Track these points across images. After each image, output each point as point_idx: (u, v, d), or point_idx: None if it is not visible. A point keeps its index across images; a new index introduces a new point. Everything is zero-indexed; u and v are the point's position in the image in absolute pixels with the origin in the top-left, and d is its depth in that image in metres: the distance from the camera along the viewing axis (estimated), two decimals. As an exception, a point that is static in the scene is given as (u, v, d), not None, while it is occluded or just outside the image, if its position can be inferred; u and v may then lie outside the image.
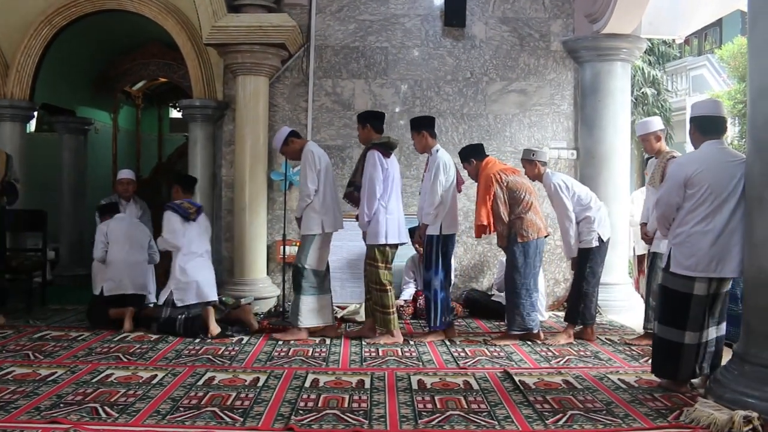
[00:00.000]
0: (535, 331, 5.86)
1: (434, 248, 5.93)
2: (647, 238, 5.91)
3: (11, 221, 7.04)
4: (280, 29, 7.16)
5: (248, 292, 7.13)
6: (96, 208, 7.02)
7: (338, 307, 7.05)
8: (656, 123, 6.01)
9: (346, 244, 7.30)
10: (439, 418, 3.79)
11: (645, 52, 12.34)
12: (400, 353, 5.42)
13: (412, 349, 5.56)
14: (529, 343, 5.80)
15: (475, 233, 6.01)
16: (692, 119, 4.47)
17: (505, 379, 4.63)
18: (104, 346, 5.58)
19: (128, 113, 11.91)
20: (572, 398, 4.19)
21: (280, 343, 5.74)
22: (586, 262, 5.90)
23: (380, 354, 5.39)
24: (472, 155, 6.14)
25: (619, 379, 4.63)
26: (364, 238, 5.97)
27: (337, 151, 7.70)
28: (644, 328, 5.94)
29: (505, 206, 5.83)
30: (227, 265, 7.68)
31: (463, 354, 5.42)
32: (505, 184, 5.85)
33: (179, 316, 6.02)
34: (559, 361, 5.19)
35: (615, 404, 4.06)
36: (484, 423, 3.73)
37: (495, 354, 5.43)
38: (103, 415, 3.79)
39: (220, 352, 5.38)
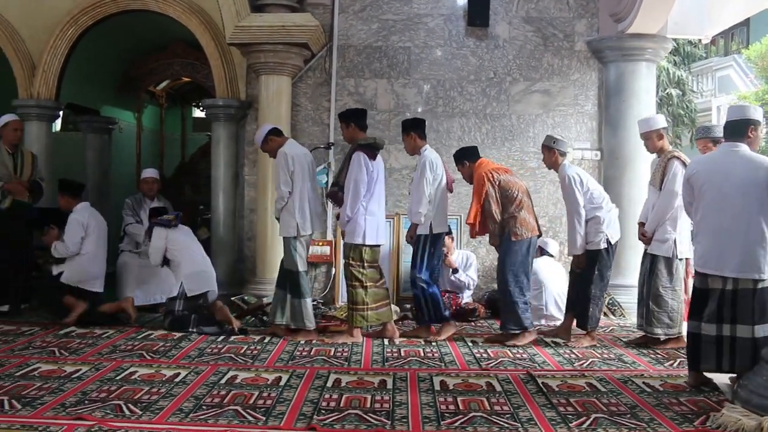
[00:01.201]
0: (530, 330, 5.81)
1: (421, 247, 5.95)
2: (644, 238, 5.83)
3: (37, 219, 7.10)
4: (303, 29, 7.17)
5: (270, 291, 7.12)
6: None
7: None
8: (658, 120, 5.90)
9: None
10: (462, 420, 3.77)
11: (670, 52, 12.21)
12: (422, 354, 5.40)
13: (434, 350, 5.54)
14: (552, 344, 5.76)
15: (469, 233, 6.05)
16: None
17: (528, 381, 4.60)
18: (128, 343, 5.62)
19: (152, 113, 12.00)
20: (596, 401, 4.15)
21: (302, 342, 5.75)
22: (594, 265, 5.80)
23: (402, 354, 5.38)
24: (465, 157, 6.14)
25: (643, 383, 4.58)
26: (343, 237, 5.99)
27: (359, 151, 7.68)
28: (639, 327, 5.88)
29: (497, 205, 5.81)
30: (250, 264, 7.71)
31: (485, 355, 5.39)
32: (497, 183, 5.83)
33: (193, 315, 6.13)
34: (582, 364, 5.15)
35: (640, 408, 4.01)
36: (507, 425, 3.70)
37: (518, 356, 5.40)
38: (127, 412, 3.82)
39: (242, 351, 5.39)
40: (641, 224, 5.90)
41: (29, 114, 7.96)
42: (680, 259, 5.71)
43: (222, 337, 5.88)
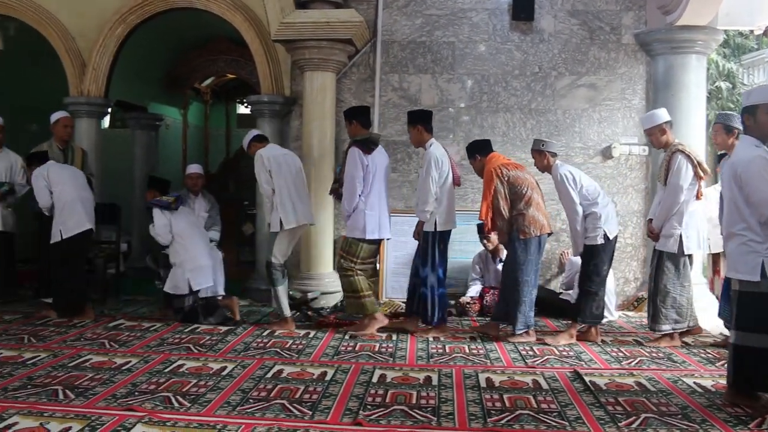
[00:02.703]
0: (532, 329, 5.79)
1: (430, 245, 5.89)
2: (653, 235, 5.69)
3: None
4: (347, 25, 7.18)
5: (314, 286, 7.18)
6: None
7: (404, 303, 7.06)
8: (661, 115, 5.72)
9: (411, 240, 7.26)
10: (509, 417, 3.74)
11: (720, 44, 11.93)
12: (467, 350, 5.38)
13: (479, 347, 5.51)
14: (599, 343, 5.69)
15: (484, 230, 6.01)
16: None
17: (574, 379, 4.54)
18: (175, 336, 5.71)
19: (197, 109, 12.15)
20: (645, 401, 4.08)
21: (347, 337, 5.78)
22: (591, 260, 5.71)
23: (447, 351, 5.36)
24: (477, 151, 6.07)
25: (694, 383, 4.49)
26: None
27: (403, 147, 7.68)
28: (651, 328, 5.74)
29: (505, 201, 5.74)
30: (294, 259, 7.73)
31: (531, 353, 5.34)
32: (506, 178, 5.76)
33: (197, 304, 6.27)
34: (630, 362, 5.07)
35: (691, 409, 3.93)
36: (554, 423, 3.67)
37: (564, 353, 5.33)
38: (176, 404, 3.88)
39: (287, 346, 5.43)
40: (650, 220, 5.78)
41: (79, 111, 8.12)
42: (687, 255, 5.58)
43: (267, 331, 5.93)
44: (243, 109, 13.22)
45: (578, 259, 6.58)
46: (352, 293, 5.91)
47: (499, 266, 7.00)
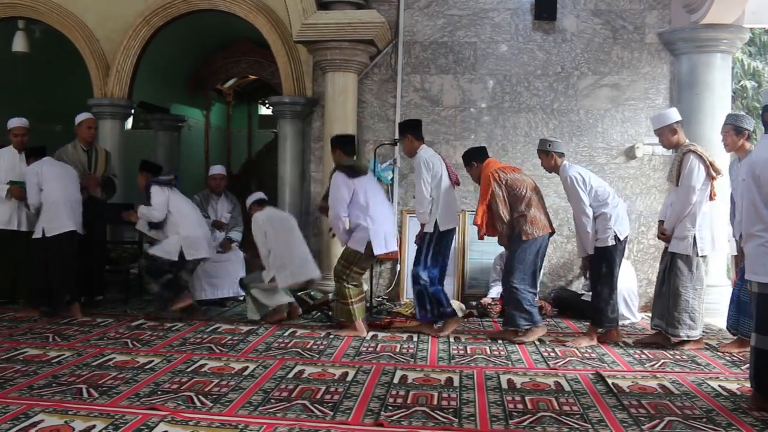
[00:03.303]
0: (539, 325, 5.74)
1: (426, 244, 5.89)
2: (664, 237, 5.62)
3: (110, 215, 7.32)
4: (369, 26, 7.19)
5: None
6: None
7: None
8: (671, 115, 5.63)
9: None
10: (531, 419, 3.72)
11: (745, 42, 11.79)
12: (488, 351, 5.35)
13: (500, 348, 5.48)
14: (621, 345, 5.64)
15: (477, 234, 6.00)
16: None
17: (597, 381, 4.50)
18: (197, 336, 5.74)
19: (219, 110, 12.23)
20: (669, 404, 4.03)
21: (368, 338, 5.78)
22: (602, 262, 5.63)
23: (468, 352, 5.34)
24: (473, 158, 6.06)
25: (719, 386, 4.43)
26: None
27: (424, 147, 7.67)
28: (654, 326, 5.68)
29: (504, 205, 5.72)
30: (315, 260, 7.76)
31: (552, 354, 5.30)
32: (504, 182, 5.73)
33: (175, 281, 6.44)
34: (653, 365, 5.01)
35: (716, 412, 3.88)
36: (577, 426, 3.64)
37: (586, 355, 5.29)
38: (198, 403, 3.90)
39: (308, 346, 5.44)
40: (661, 222, 5.71)
41: (103, 112, 8.22)
42: (701, 257, 5.50)
43: (288, 332, 5.96)
44: (265, 110, 13.30)
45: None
46: (341, 299, 5.99)
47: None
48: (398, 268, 7.65)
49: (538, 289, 5.94)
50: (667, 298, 5.51)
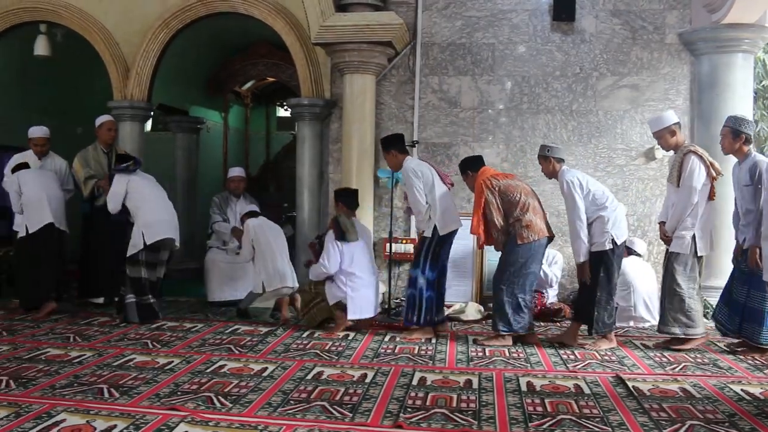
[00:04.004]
0: (522, 333, 5.68)
1: (425, 248, 5.90)
2: (665, 237, 5.59)
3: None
4: (387, 27, 7.19)
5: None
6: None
7: (445, 306, 7.05)
8: (669, 117, 5.62)
9: (457, 244, 7.24)
10: (551, 422, 3.70)
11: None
12: (507, 354, 5.34)
13: (519, 350, 5.46)
14: (642, 347, 5.60)
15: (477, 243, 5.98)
16: None
17: (617, 384, 4.47)
18: (216, 337, 5.77)
19: (238, 112, 12.28)
20: (691, 407, 3.99)
21: (386, 340, 5.78)
22: (600, 266, 5.56)
23: (487, 354, 5.32)
24: (468, 167, 6.05)
25: (742, 390, 4.38)
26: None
27: (443, 149, 7.68)
28: (658, 330, 5.69)
29: (498, 212, 5.68)
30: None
31: (572, 357, 5.27)
32: (497, 189, 5.70)
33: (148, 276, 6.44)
34: (674, 368, 4.97)
35: (739, 416, 3.84)
36: (597, 429, 3.61)
37: (606, 358, 5.26)
38: (218, 404, 3.91)
39: (327, 347, 5.45)
40: (662, 223, 5.70)
41: (123, 115, 8.27)
42: (699, 257, 5.48)
43: (306, 333, 5.97)
44: (283, 112, 13.34)
45: (626, 264, 6.46)
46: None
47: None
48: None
49: (533, 294, 5.86)
50: (663, 298, 5.55)
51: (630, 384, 4.45)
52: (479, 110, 7.66)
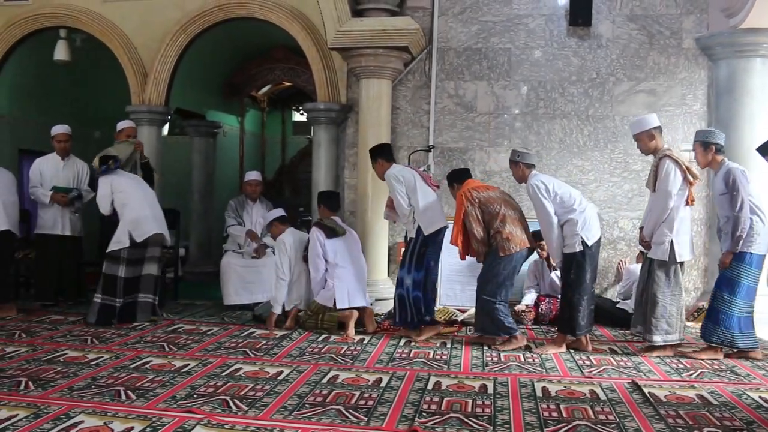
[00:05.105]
0: (517, 334, 5.72)
1: (410, 249, 6.00)
2: (645, 243, 5.56)
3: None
4: (403, 32, 7.21)
5: (369, 293, 7.20)
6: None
7: (458, 310, 7.08)
8: (650, 120, 5.57)
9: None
10: (566, 428, 3.69)
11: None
12: (522, 359, 5.32)
13: (534, 356, 5.45)
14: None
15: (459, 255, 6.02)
16: None
17: (633, 390, 4.45)
18: (232, 341, 5.80)
19: (254, 117, 12.36)
20: (708, 414, 3.97)
21: (401, 344, 5.79)
22: (570, 268, 5.56)
23: (502, 359, 5.32)
24: (454, 180, 6.14)
25: (760, 397, 4.34)
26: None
27: (459, 154, 7.68)
28: (637, 333, 5.69)
29: (478, 223, 5.71)
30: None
31: (588, 362, 5.26)
32: (477, 201, 5.73)
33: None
34: (691, 374, 4.94)
35: (757, 424, 3.81)
36: (613, 435, 3.60)
37: (622, 363, 5.24)
38: (233, 407, 3.93)
39: (342, 351, 5.47)
40: (641, 229, 5.67)
41: (141, 119, 8.34)
42: (679, 263, 5.44)
43: (321, 337, 5.99)
44: (299, 117, 13.40)
45: (636, 268, 6.51)
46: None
47: (553, 275, 6.95)
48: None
49: (509, 299, 5.92)
50: (644, 306, 5.50)
51: (646, 390, 4.42)
52: (495, 115, 7.66)
